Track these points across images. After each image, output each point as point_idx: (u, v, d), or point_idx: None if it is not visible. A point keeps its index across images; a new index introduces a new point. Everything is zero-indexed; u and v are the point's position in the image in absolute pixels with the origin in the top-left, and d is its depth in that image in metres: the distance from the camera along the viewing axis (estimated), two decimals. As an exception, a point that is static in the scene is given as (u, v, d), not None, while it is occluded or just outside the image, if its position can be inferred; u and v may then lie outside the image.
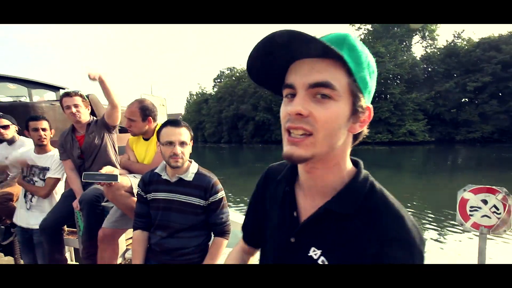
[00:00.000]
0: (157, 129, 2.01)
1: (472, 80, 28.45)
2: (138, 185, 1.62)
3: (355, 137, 0.57)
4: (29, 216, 2.38)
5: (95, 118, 2.33)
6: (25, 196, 2.42)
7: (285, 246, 0.61)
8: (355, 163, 0.62)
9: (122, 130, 2.62)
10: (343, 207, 0.55)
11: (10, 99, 5.83)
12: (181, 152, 1.48)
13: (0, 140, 2.78)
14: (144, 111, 1.99)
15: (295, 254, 0.59)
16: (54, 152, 2.43)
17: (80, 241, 2.22)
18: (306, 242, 0.58)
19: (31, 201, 2.40)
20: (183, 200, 1.51)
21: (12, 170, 2.72)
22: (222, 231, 1.57)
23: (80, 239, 2.17)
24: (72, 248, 2.69)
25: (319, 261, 0.56)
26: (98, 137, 2.25)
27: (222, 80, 56.66)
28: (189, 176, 1.53)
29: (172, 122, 1.54)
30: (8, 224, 2.71)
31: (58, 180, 2.41)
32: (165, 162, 1.55)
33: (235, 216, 2.86)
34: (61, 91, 7.45)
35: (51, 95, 7.17)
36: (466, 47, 30.99)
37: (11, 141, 2.75)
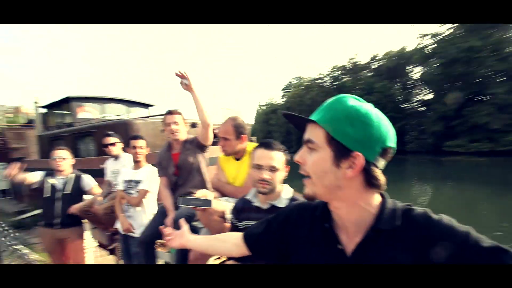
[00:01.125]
0: (248, 149, 1.93)
1: None
2: (232, 213, 1.52)
3: (370, 182, 0.63)
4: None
5: (190, 136, 2.40)
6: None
7: None
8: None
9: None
10: (387, 224, 0.62)
11: (114, 117, 6.82)
12: (269, 178, 1.33)
13: (108, 156, 3.15)
14: (238, 128, 1.92)
15: None
16: (147, 167, 2.62)
17: (171, 259, 2.27)
18: None
19: (128, 211, 2.61)
20: None
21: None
22: None
23: (172, 256, 2.22)
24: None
25: None
26: (193, 156, 2.30)
27: (290, 90, 57.08)
28: (283, 203, 1.36)
29: (265, 144, 1.40)
30: (112, 232, 3.03)
31: (148, 192, 2.56)
32: None
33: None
34: (149, 108, 8.45)
35: (143, 112, 8.18)
36: None
37: (117, 157, 3.08)
